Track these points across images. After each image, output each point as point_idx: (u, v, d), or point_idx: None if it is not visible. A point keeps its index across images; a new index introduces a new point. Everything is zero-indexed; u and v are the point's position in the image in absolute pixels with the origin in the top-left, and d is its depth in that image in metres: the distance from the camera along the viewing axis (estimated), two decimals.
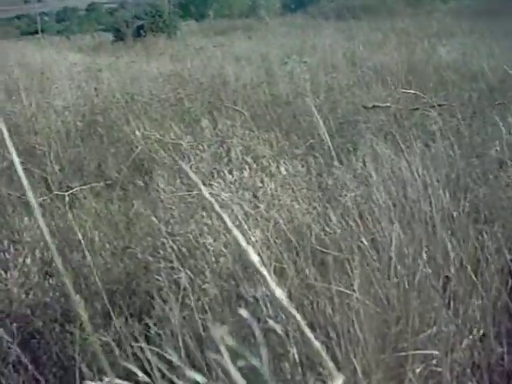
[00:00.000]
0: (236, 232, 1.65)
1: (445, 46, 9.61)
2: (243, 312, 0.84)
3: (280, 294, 1.61)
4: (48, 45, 18.08)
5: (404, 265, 2.23)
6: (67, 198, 3.47)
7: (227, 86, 6.65)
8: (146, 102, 5.73)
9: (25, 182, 0.96)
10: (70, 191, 3.63)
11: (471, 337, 2.28)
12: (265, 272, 1.87)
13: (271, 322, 1.71)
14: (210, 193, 2.40)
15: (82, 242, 3.25)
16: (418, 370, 1.99)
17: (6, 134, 0.88)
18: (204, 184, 3.03)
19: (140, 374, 0.79)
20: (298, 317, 0.81)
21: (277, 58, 8.92)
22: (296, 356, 1.76)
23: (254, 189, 2.62)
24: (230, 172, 2.92)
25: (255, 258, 1.83)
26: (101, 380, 2.27)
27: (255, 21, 20.77)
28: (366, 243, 2.30)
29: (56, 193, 3.67)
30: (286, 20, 19.31)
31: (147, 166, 4.35)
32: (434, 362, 2.08)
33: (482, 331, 2.31)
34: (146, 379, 1.00)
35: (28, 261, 2.75)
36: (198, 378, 0.73)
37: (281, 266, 2.19)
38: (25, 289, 2.74)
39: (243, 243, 1.76)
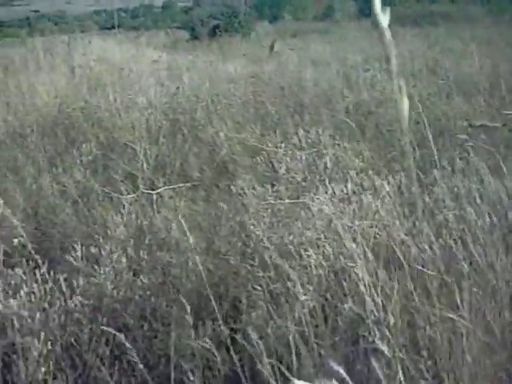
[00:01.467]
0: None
1: None
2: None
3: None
4: (125, 40, 18.49)
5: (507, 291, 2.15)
6: (155, 197, 3.52)
7: (307, 91, 6.62)
8: (229, 104, 5.77)
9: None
10: (158, 190, 3.68)
11: None
12: (366, 290, 1.83)
13: (378, 343, 1.68)
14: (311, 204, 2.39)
15: (169, 241, 3.31)
16: None
17: None
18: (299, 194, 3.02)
19: None
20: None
21: (355, 64, 8.82)
22: (402, 378, 1.71)
23: (349, 201, 2.58)
24: (324, 183, 2.89)
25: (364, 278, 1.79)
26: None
27: (330, 24, 20.65)
28: (466, 267, 2.24)
29: (146, 191, 3.72)
30: (362, 24, 19.08)
31: (230, 169, 4.37)
32: None
33: None
34: None
35: (122, 259, 2.80)
36: None
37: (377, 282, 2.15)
38: (116, 285, 2.79)
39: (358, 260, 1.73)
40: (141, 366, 2.12)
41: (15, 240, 2.72)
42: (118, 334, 2.10)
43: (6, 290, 2.59)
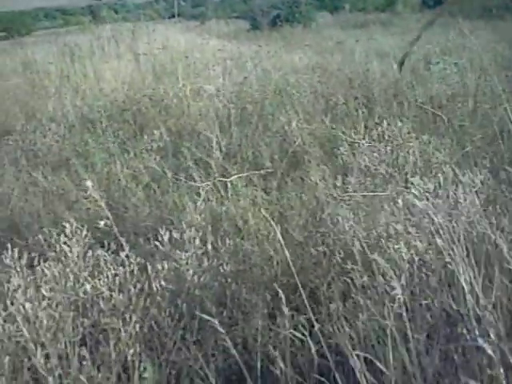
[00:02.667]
0: None
1: None
2: None
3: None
4: (186, 29, 18.65)
5: None
6: (229, 185, 3.53)
7: (375, 83, 6.52)
8: (299, 94, 5.74)
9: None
10: (233, 177, 3.70)
11: None
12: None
13: (480, 341, 1.63)
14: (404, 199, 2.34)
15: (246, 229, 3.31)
16: None
17: None
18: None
19: None
20: None
21: (422, 57, 8.64)
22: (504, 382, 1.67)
23: (437, 195, 2.52)
24: (406, 176, 2.84)
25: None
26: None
27: (391, 15, 20.32)
28: None
29: (220, 179, 3.74)
30: (425, 16, 18.68)
31: (303, 160, 4.35)
32: None
33: None
34: None
35: (208, 245, 2.82)
36: None
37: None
38: (196, 270, 2.81)
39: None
40: (234, 351, 2.12)
41: (101, 222, 2.76)
42: (211, 319, 2.10)
43: (91, 271, 2.64)
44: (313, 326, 2.46)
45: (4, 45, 19.10)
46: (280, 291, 2.16)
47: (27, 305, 2.31)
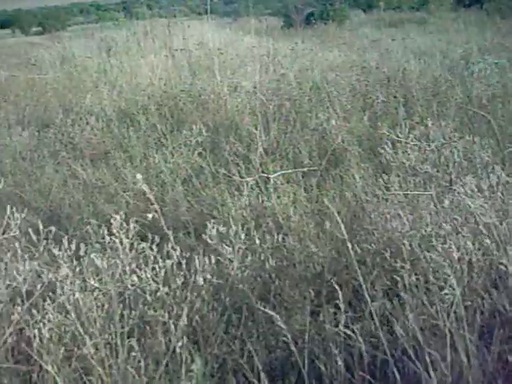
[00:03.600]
0: None
1: None
2: None
3: None
4: (220, 25, 18.66)
5: None
6: (272, 181, 3.54)
7: (413, 82, 6.46)
8: (337, 92, 5.72)
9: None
10: (276, 174, 3.70)
11: None
12: None
13: None
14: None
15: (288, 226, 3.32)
16: None
17: None
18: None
19: None
20: None
21: (461, 56, 8.54)
22: None
23: (484, 195, 2.49)
24: (450, 175, 2.81)
25: None
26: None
27: (426, 14, 20.11)
28: None
29: (262, 175, 3.75)
30: (461, 15, 18.44)
31: (342, 157, 4.34)
32: None
33: None
34: None
35: (256, 240, 2.83)
36: None
37: None
38: (239, 265, 2.82)
39: None
40: (294, 348, 2.13)
41: (149, 215, 2.79)
42: (272, 313, 2.11)
43: (139, 263, 2.66)
44: (357, 323, 2.46)
45: (41, 39, 19.39)
46: (337, 288, 2.14)
47: (77, 294, 2.34)
